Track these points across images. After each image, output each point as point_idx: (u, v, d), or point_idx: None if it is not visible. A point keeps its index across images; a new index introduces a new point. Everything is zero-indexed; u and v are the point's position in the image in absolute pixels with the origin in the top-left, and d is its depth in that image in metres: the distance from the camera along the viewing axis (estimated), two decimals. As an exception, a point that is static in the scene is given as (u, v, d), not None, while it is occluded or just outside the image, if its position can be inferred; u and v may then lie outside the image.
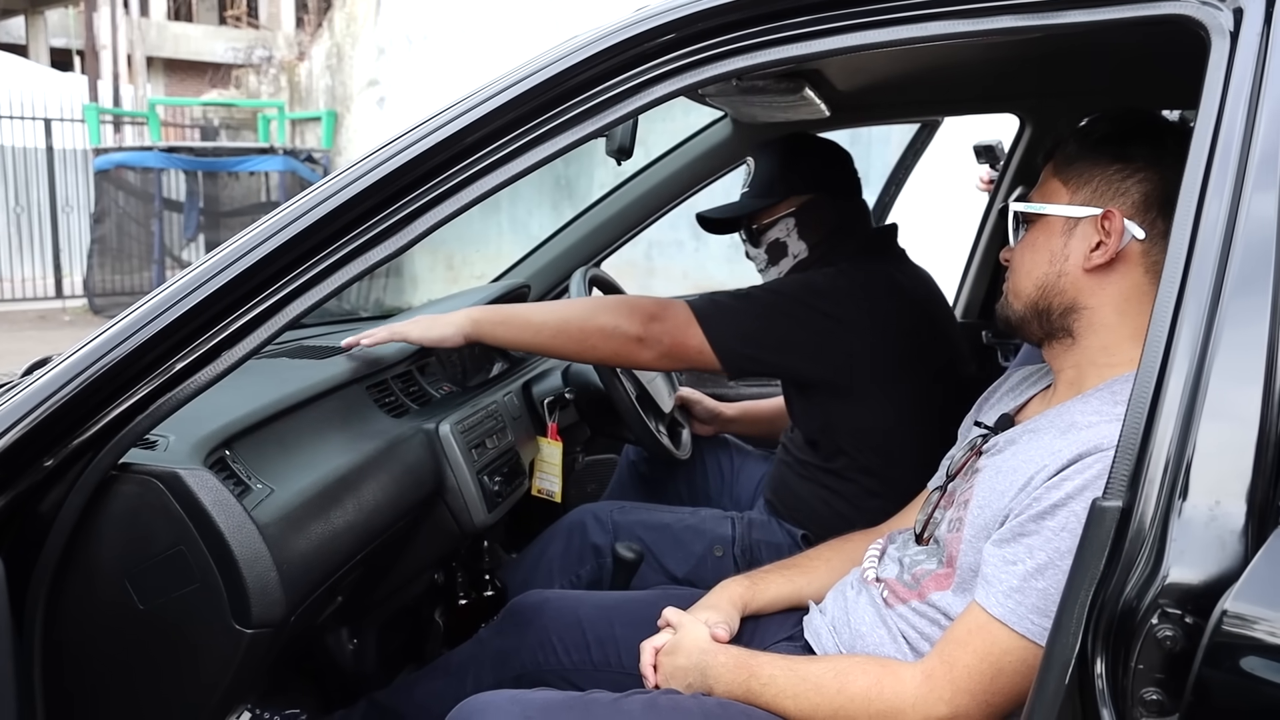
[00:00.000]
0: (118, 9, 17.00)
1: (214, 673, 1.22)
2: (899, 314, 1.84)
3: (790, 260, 1.96)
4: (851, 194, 2.01)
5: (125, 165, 10.93)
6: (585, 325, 1.77)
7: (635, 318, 1.75)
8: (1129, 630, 0.93)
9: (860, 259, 1.90)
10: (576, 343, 1.79)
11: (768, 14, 1.12)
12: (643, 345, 1.75)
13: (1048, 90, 2.23)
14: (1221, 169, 1.00)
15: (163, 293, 1.13)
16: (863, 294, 1.82)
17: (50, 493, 1.17)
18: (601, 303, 1.85)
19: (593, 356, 1.85)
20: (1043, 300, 1.30)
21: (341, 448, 1.56)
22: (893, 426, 1.85)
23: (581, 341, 1.78)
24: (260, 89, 13.43)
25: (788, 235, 1.95)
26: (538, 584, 1.96)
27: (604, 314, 1.77)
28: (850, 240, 1.95)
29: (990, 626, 1.16)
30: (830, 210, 1.95)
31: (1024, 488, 1.19)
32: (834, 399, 1.86)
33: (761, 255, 1.99)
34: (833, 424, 1.88)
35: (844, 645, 1.36)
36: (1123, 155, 1.27)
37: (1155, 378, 0.97)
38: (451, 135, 1.15)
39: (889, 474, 1.85)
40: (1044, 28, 1.12)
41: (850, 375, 1.81)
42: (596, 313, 1.79)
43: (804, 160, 1.97)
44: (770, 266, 1.99)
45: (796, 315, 1.78)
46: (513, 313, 1.87)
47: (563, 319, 1.80)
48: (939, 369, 1.93)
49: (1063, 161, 1.32)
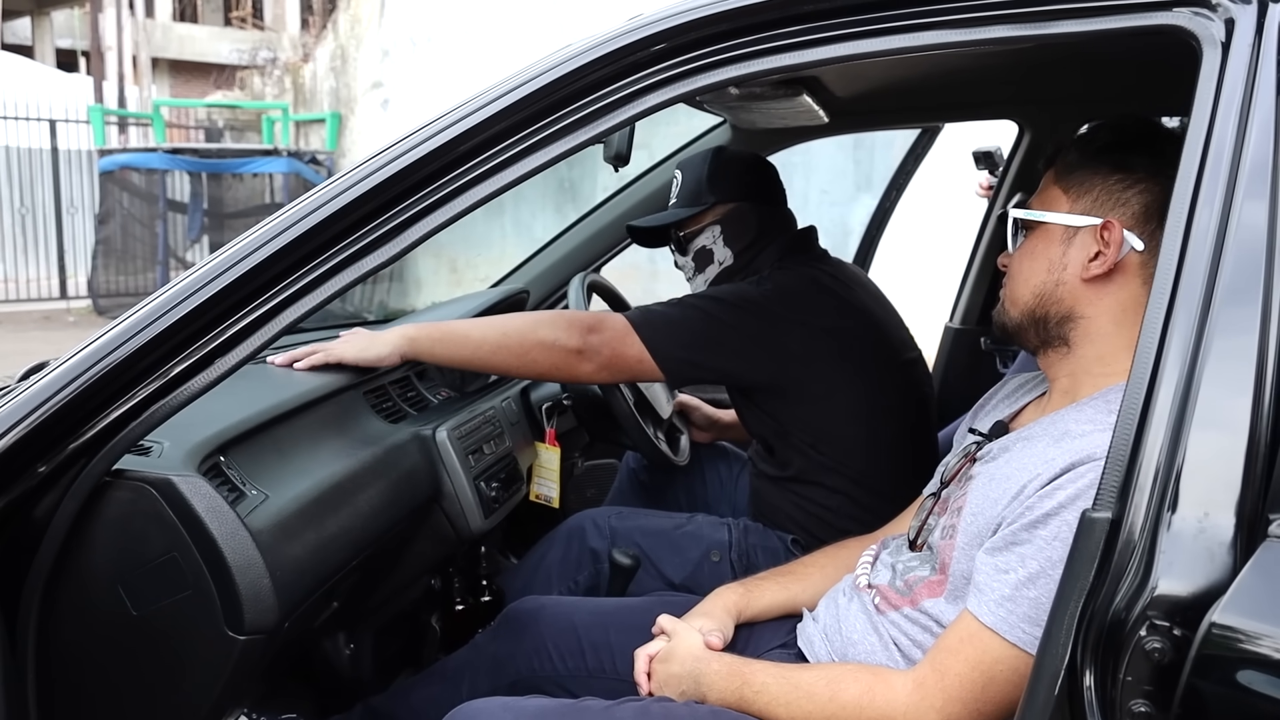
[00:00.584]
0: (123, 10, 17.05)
1: (207, 679, 1.22)
2: (828, 311, 1.89)
3: (716, 267, 2.02)
4: (775, 201, 2.08)
5: (130, 166, 10.95)
6: (525, 339, 1.79)
7: (574, 330, 1.77)
8: (1118, 641, 0.93)
9: (787, 262, 1.96)
10: (517, 357, 1.80)
11: (759, 24, 1.13)
12: (582, 357, 1.78)
13: (1046, 97, 2.23)
14: (1213, 178, 1.00)
15: (156, 300, 1.14)
16: (791, 295, 1.87)
17: (45, 498, 1.17)
18: (540, 317, 1.87)
19: (533, 371, 1.86)
20: (1040, 308, 1.30)
21: (337, 454, 1.56)
22: (844, 421, 1.89)
23: (521, 356, 1.79)
24: (265, 90, 13.45)
25: (714, 243, 2.01)
26: (537, 589, 1.96)
27: (543, 328, 1.79)
28: (774, 246, 2.01)
29: (982, 635, 1.16)
30: (754, 217, 2.02)
31: (1016, 496, 1.19)
32: (778, 400, 1.90)
33: (689, 263, 2.05)
34: (784, 427, 1.92)
35: (836, 653, 1.36)
36: (1124, 165, 1.26)
37: (1145, 388, 0.97)
38: (444, 144, 1.15)
39: (850, 470, 1.89)
40: (1036, 38, 1.12)
41: (788, 375, 1.86)
42: (536, 327, 1.80)
43: (729, 170, 2.03)
44: (697, 274, 2.05)
45: (730, 320, 1.82)
46: (451, 329, 1.86)
47: (502, 333, 1.80)
48: (883, 359, 1.97)
49: (1063, 169, 1.32)
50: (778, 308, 1.84)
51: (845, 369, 1.89)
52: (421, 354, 1.85)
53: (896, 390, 1.97)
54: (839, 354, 1.88)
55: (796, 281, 1.91)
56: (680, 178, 2.05)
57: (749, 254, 2.00)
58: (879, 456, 1.90)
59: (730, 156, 2.06)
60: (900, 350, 2.03)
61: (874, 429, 1.91)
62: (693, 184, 2.02)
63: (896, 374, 1.99)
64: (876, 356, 1.95)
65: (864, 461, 1.90)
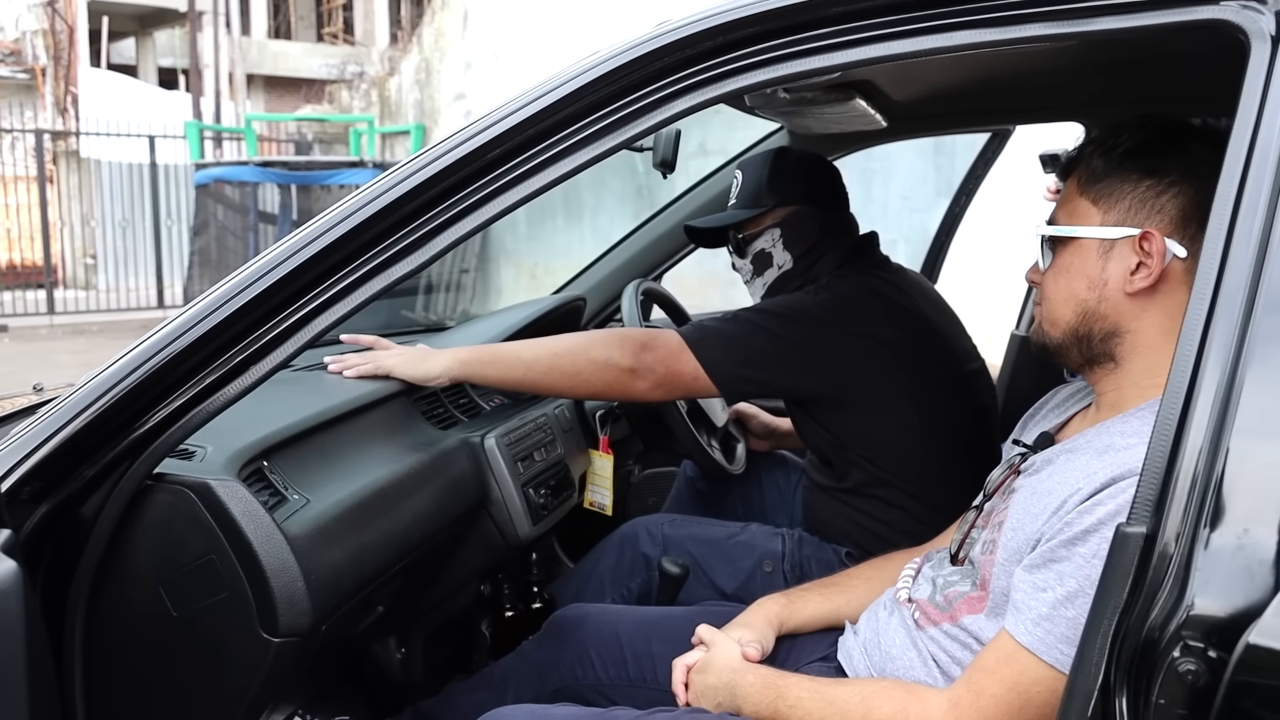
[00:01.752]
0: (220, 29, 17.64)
1: (243, 679, 1.24)
2: (887, 321, 1.85)
3: (775, 271, 1.98)
4: (837, 205, 2.03)
5: (223, 179, 11.30)
6: (577, 360, 1.77)
7: (626, 349, 1.76)
8: (1151, 662, 0.89)
9: (846, 270, 1.92)
10: (569, 378, 1.79)
11: (786, 27, 1.11)
12: (636, 376, 1.76)
13: (1114, 98, 2.15)
14: (1258, 178, 0.95)
15: (191, 309, 1.16)
16: (849, 306, 1.83)
17: (90, 500, 1.20)
18: (592, 336, 1.86)
19: (587, 391, 1.85)
20: (1083, 327, 1.25)
21: (382, 459, 1.58)
22: (903, 434, 1.85)
23: (574, 376, 1.78)
24: (352, 104, 13.77)
25: (773, 246, 1.97)
26: (589, 597, 1.96)
27: (596, 347, 1.78)
28: (834, 251, 1.96)
29: (1018, 655, 1.12)
30: (815, 221, 1.97)
31: (1057, 511, 1.15)
32: (835, 413, 1.86)
33: (747, 266, 2.01)
34: (841, 439, 1.87)
35: (875, 667, 1.33)
36: (1153, 169, 1.20)
37: (1183, 397, 0.93)
38: (472, 151, 1.15)
39: (908, 483, 1.85)
40: (1076, 35, 1.08)
41: (846, 387, 1.82)
42: (588, 346, 1.79)
43: (790, 171, 1.98)
44: (755, 277, 2.01)
45: (787, 335, 1.79)
46: (502, 351, 1.86)
47: (553, 354, 1.80)
48: (943, 370, 1.92)
49: (1088, 179, 1.25)
50: (835, 319, 1.81)
51: (904, 380, 1.84)
52: (472, 376, 1.85)
53: (957, 402, 1.92)
54: (897, 365, 1.83)
55: (854, 291, 1.87)
56: (740, 178, 2.02)
57: (809, 259, 1.96)
58: (937, 469, 1.85)
59: (792, 158, 2.02)
60: (962, 361, 1.98)
61: (932, 441, 1.86)
62: (753, 185, 1.99)
63: (957, 385, 1.94)
64: (937, 367, 1.90)
65: (921, 475, 1.85)
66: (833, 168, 2.06)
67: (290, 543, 1.25)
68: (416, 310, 9.73)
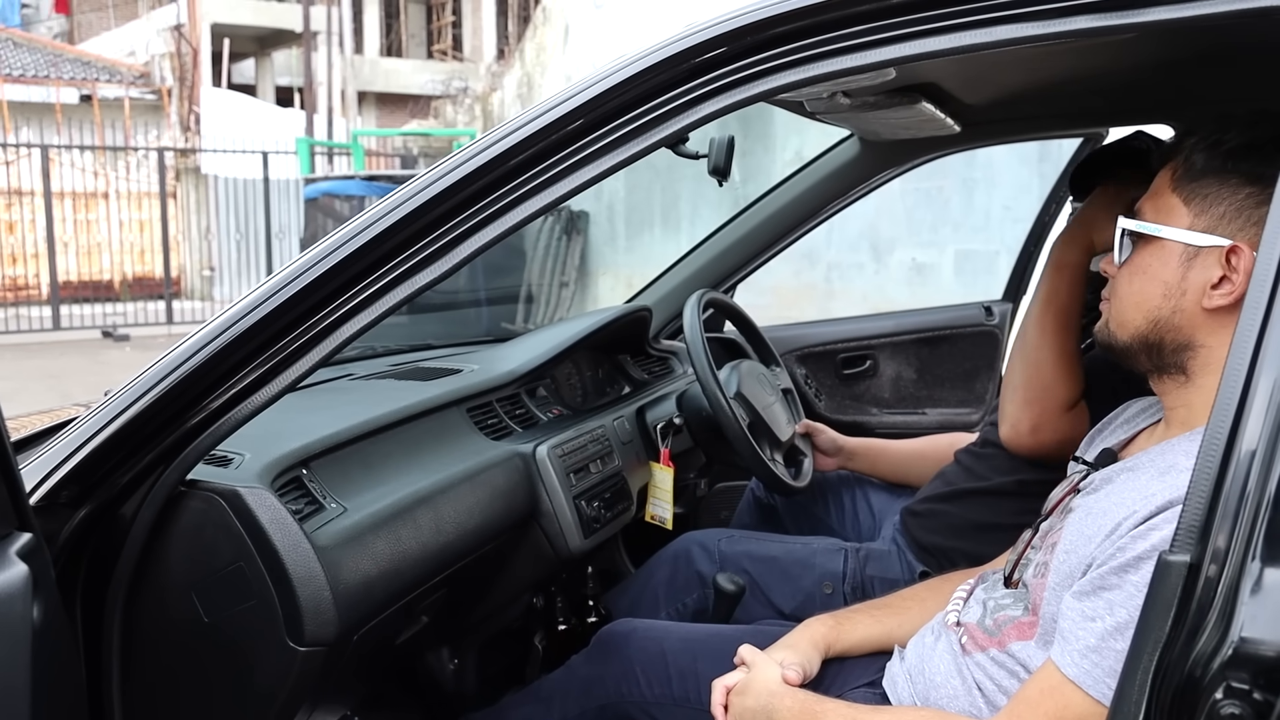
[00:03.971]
0: (333, 48, 18.19)
1: (270, 686, 1.24)
2: None
3: None
4: None
5: (331, 193, 11.59)
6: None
7: (1035, 414, 1.63)
8: (1192, 703, 0.82)
9: None
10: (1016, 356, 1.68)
11: (816, 26, 1.07)
12: (1017, 434, 1.66)
13: (1209, 97, 2.03)
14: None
15: (219, 317, 1.17)
16: None
17: (127, 505, 1.22)
18: (1046, 377, 1.64)
19: None
20: (1154, 335, 1.17)
21: (426, 469, 1.57)
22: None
23: None
24: (456, 118, 14.04)
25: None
26: (643, 612, 1.93)
27: (1033, 389, 1.64)
28: None
29: (1064, 688, 1.05)
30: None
31: (1110, 534, 1.08)
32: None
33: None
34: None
35: (918, 695, 1.27)
36: (1258, 176, 1.10)
37: (1232, 416, 0.86)
38: (496, 157, 1.14)
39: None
40: (1128, 26, 1.02)
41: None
42: (1030, 385, 1.64)
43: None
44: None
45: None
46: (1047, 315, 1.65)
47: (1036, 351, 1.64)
48: None
49: (1185, 175, 1.16)
50: None
51: None
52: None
53: None
54: None
55: None
56: (1150, 144, 1.71)
57: None
58: None
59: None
60: None
61: None
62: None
63: None
64: None
65: None
66: None
67: (319, 552, 1.25)
68: (516, 321, 9.85)
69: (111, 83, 17.51)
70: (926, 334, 2.81)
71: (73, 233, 13.92)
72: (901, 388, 2.84)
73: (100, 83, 17.31)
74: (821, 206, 2.44)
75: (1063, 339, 1.64)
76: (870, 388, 2.83)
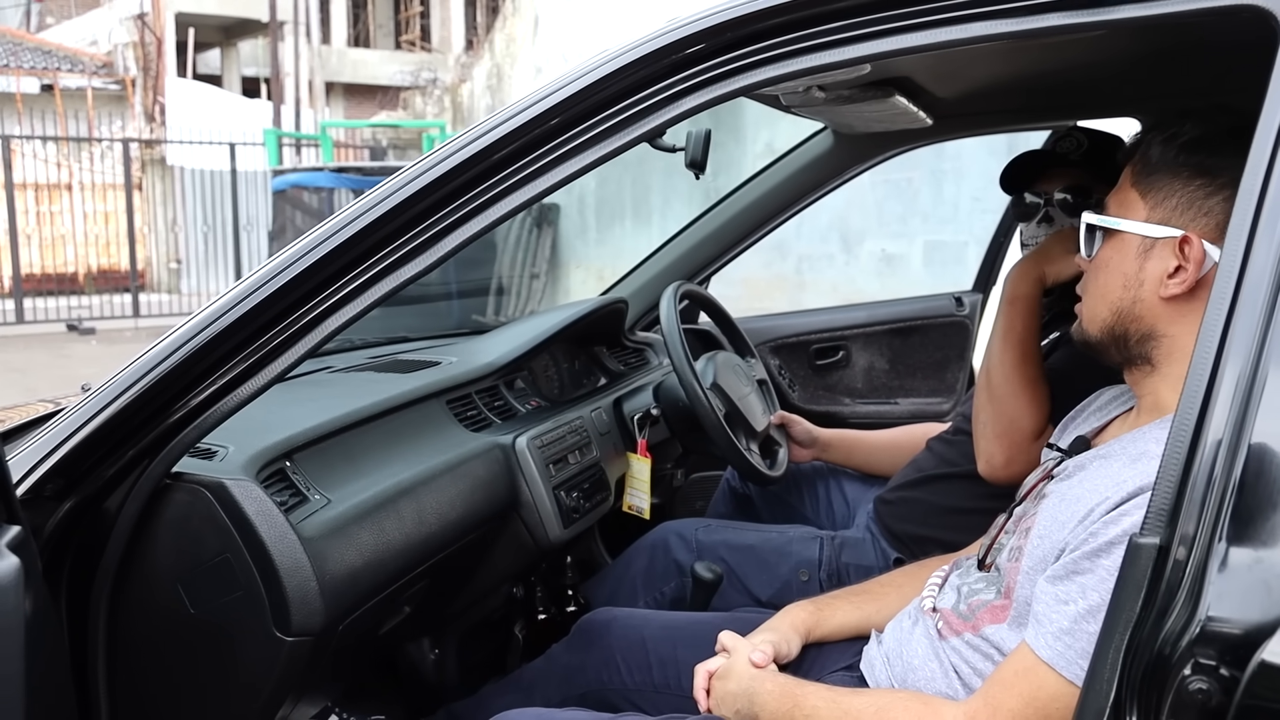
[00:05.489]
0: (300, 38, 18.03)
1: (257, 677, 1.25)
2: None
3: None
4: None
5: (299, 185, 11.51)
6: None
7: (1007, 449, 1.68)
8: (1162, 680, 0.85)
9: None
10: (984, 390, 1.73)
11: (795, 22, 1.09)
12: (992, 467, 1.71)
13: (1172, 90, 2.08)
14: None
15: (204, 310, 1.18)
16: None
17: (112, 498, 1.23)
18: (1014, 411, 1.69)
19: None
20: (1119, 326, 1.20)
21: (408, 461, 1.59)
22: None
23: None
24: (426, 110, 13.97)
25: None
26: (621, 600, 1.95)
27: (1000, 424, 1.68)
28: None
29: (1038, 669, 1.08)
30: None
31: (1083, 520, 1.11)
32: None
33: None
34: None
35: (896, 678, 1.30)
36: (1207, 168, 1.14)
37: (1200, 403, 0.88)
38: (480, 151, 1.15)
39: None
40: (1098, 24, 1.04)
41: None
42: (998, 419, 1.69)
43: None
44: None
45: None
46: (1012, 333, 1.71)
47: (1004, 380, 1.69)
48: None
49: (1143, 169, 1.20)
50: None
51: None
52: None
53: None
54: None
55: None
56: (1086, 142, 1.87)
57: None
58: None
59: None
60: None
61: None
62: (1108, 155, 1.80)
63: None
64: None
65: None
66: None
67: (305, 543, 1.26)
68: (487, 314, 9.82)
69: (73, 72, 17.27)
70: (898, 324, 2.85)
71: (35, 225, 13.75)
72: (874, 378, 2.87)
73: (62, 72, 17.07)
74: (796, 199, 2.47)
75: (1025, 368, 1.69)
76: (843, 378, 2.86)
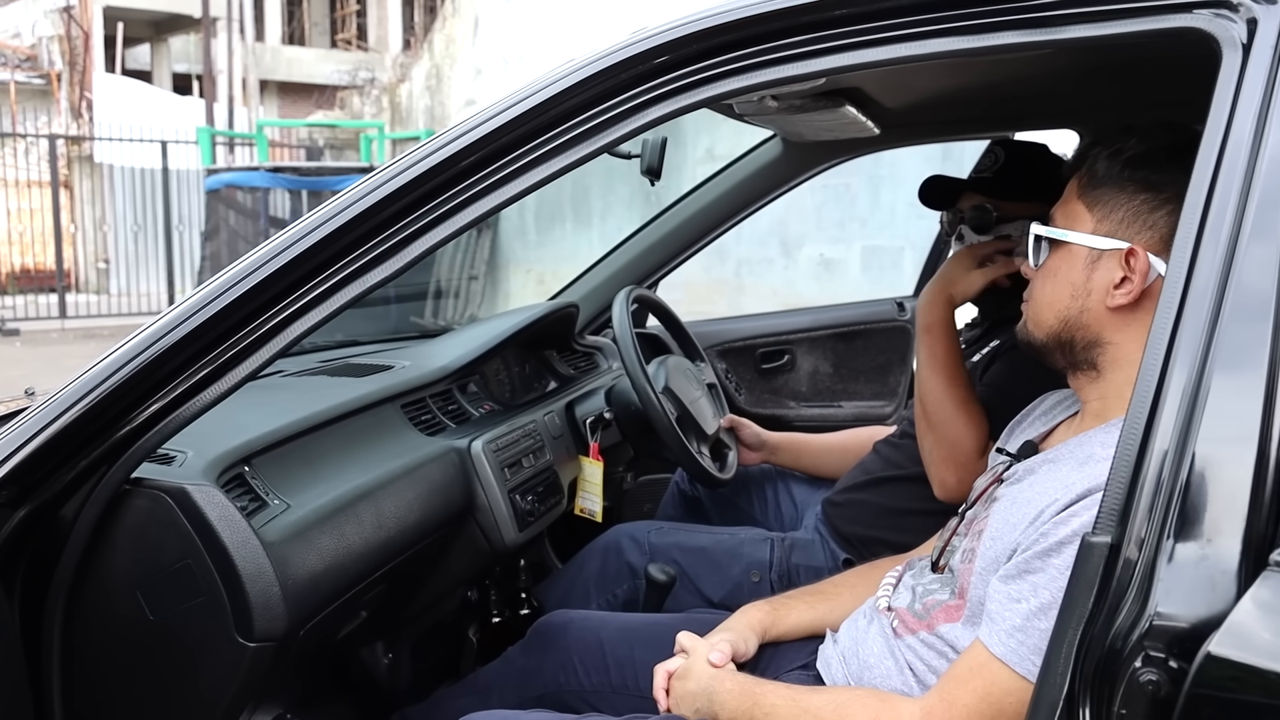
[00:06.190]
0: (234, 35, 17.73)
1: (219, 683, 1.25)
2: None
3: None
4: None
5: (234, 185, 11.33)
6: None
7: (954, 470, 1.71)
8: (1113, 673, 0.89)
9: None
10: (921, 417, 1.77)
11: (759, 35, 1.11)
12: (945, 487, 1.74)
13: (1109, 104, 2.15)
14: (1226, 185, 0.95)
15: (169, 314, 1.17)
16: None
17: (68, 505, 1.21)
18: (954, 433, 1.72)
19: None
20: (1065, 333, 1.25)
21: (366, 465, 1.58)
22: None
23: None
24: (364, 110, 13.82)
25: (1020, 237, 1.86)
26: (574, 603, 1.96)
27: (944, 448, 1.72)
28: None
29: (991, 666, 1.12)
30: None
31: (1034, 521, 1.15)
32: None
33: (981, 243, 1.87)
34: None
35: (852, 676, 1.33)
36: (1152, 183, 1.19)
37: (1149, 407, 0.92)
38: (447, 158, 1.16)
39: None
40: (1050, 43, 1.08)
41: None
42: (940, 444, 1.72)
43: (1057, 170, 1.89)
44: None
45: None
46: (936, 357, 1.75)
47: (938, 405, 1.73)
48: None
49: (1089, 183, 1.24)
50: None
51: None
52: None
53: None
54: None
55: None
56: (1001, 156, 1.90)
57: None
58: None
59: (1057, 159, 1.91)
60: None
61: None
62: (1024, 171, 1.87)
63: None
64: None
65: None
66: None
67: (267, 548, 1.25)
68: (425, 316, 9.74)
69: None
70: (842, 329, 2.90)
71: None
72: (818, 381, 2.92)
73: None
74: (744, 205, 2.51)
75: (955, 391, 1.73)
76: (788, 382, 2.91)
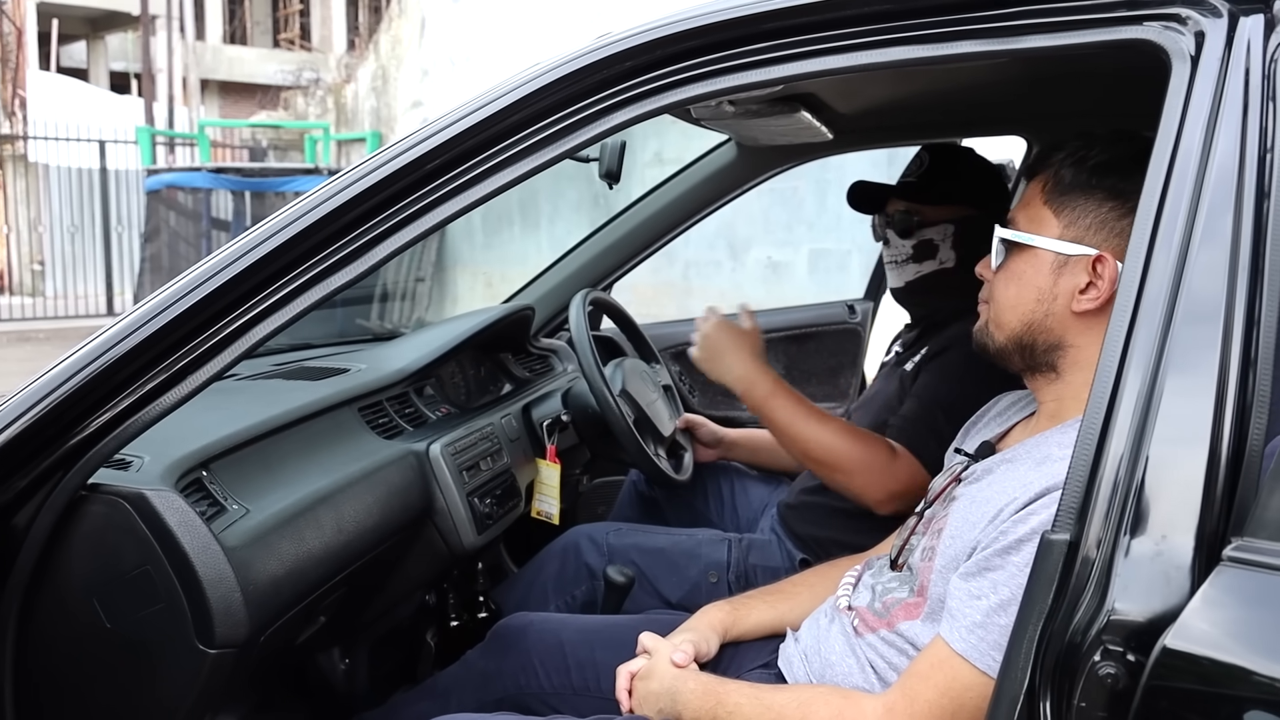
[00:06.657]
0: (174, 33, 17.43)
1: (179, 690, 1.23)
2: None
3: (935, 264, 1.93)
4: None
5: (175, 185, 11.15)
6: (833, 472, 1.81)
7: (880, 488, 1.78)
8: (1073, 667, 0.91)
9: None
10: (818, 467, 1.84)
11: (724, 41, 1.13)
12: (879, 505, 1.78)
13: (1055, 112, 2.20)
14: (1177, 192, 0.98)
15: (128, 317, 1.15)
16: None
17: (22, 511, 1.19)
18: (859, 457, 1.80)
19: (828, 483, 1.87)
20: (1027, 336, 1.26)
21: (325, 469, 1.57)
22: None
23: (825, 476, 1.84)
24: (308, 110, 13.66)
25: (943, 240, 1.91)
26: (532, 605, 1.96)
27: (857, 475, 1.79)
28: None
29: (952, 661, 1.14)
30: (987, 233, 1.92)
31: (993, 520, 1.17)
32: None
33: (906, 249, 1.94)
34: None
35: (814, 674, 1.35)
36: (1119, 191, 1.21)
37: (1105, 407, 0.95)
38: (412, 161, 1.16)
39: None
40: (1006, 53, 1.11)
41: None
42: (851, 469, 1.79)
43: (982, 175, 1.96)
44: (910, 263, 1.95)
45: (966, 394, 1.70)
46: (798, 413, 1.84)
47: (824, 449, 1.81)
48: None
49: (1055, 188, 1.26)
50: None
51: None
52: (760, 405, 1.86)
53: None
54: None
55: None
56: (927, 161, 1.95)
57: (969, 264, 1.93)
58: None
59: (986, 163, 1.99)
60: None
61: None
62: (944, 173, 1.93)
63: None
64: None
65: None
66: (1006, 187, 2.04)
67: (227, 553, 1.24)
68: (371, 319, 9.64)
69: (-76, 62, 16.36)
70: (793, 332, 2.93)
71: (-117, 223, 12.99)
72: (771, 383, 2.94)
73: (-89, 62, 16.16)
74: (698, 208, 2.52)
75: (830, 421, 1.83)
76: (741, 384, 2.92)
